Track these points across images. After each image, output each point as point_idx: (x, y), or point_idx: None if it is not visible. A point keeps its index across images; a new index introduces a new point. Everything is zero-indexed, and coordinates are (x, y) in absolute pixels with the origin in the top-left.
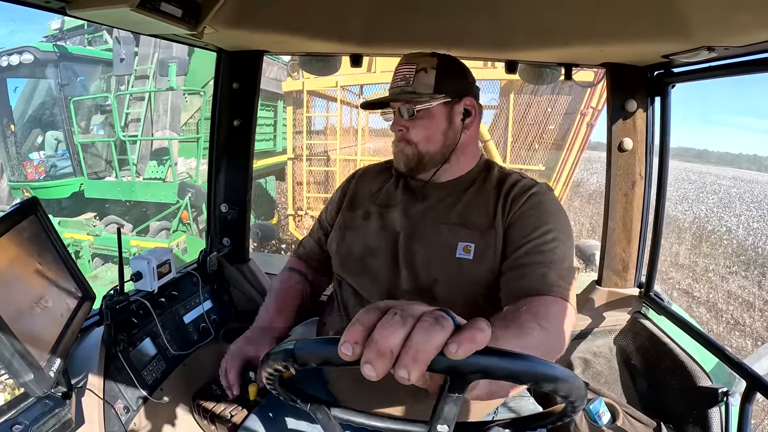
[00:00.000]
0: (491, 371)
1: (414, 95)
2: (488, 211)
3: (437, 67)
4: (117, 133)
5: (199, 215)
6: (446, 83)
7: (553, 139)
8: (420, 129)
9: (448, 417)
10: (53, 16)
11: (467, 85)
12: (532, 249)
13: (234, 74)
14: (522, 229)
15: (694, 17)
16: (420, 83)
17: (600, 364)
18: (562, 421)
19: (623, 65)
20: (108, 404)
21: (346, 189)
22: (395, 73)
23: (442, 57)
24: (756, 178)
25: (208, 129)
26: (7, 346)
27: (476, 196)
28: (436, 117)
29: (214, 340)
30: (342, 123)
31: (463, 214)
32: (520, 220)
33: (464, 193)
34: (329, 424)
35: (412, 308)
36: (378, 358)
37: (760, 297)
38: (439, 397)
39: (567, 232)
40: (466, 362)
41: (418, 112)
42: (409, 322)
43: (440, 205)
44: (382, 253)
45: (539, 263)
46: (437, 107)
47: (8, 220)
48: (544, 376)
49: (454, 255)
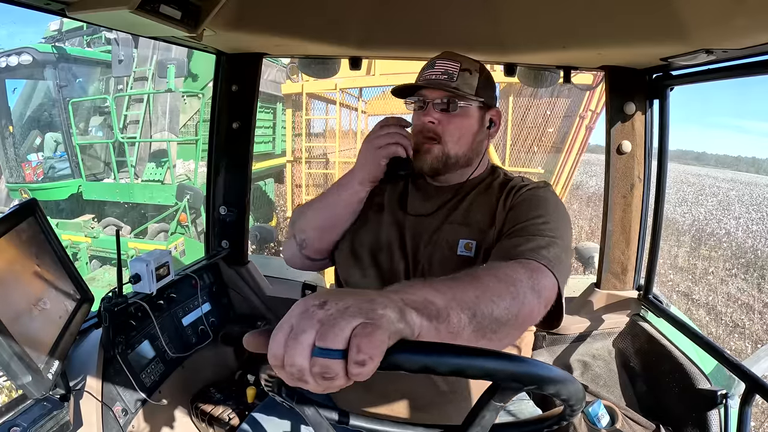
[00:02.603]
0: (495, 375)
1: (457, 91)
2: (490, 210)
3: (480, 71)
4: (115, 135)
5: (198, 217)
6: (485, 90)
7: (552, 141)
8: (454, 126)
9: (486, 425)
10: (53, 18)
11: (495, 98)
12: (521, 230)
13: (233, 77)
14: (515, 218)
15: (693, 20)
16: (464, 82)
17: (599, 366)
18: (560, 423)
19: (622, 68)
20: (106, 406)
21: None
22: (431, 65)
23: (483, 65)
24: (755, 181)
25: (206, 131)
26: (6, 348)
27: (479, 197)
28: (471, 118)
29: (212, 342)
30: (341, 126)
31: (467, 213)
32: (514, 209)
33: (469, 194)
34: (320, 423)
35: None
36: (300, 382)
37: (759, 299)
38: (483, 405)
39: (563, 222)
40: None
41: (459, 108)
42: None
43: (446, 205)
44: (390, 248)
45: (524, 235)
46: (475, 109)
47: (7, 221)
48: (541, 379)
49: (456, 252)
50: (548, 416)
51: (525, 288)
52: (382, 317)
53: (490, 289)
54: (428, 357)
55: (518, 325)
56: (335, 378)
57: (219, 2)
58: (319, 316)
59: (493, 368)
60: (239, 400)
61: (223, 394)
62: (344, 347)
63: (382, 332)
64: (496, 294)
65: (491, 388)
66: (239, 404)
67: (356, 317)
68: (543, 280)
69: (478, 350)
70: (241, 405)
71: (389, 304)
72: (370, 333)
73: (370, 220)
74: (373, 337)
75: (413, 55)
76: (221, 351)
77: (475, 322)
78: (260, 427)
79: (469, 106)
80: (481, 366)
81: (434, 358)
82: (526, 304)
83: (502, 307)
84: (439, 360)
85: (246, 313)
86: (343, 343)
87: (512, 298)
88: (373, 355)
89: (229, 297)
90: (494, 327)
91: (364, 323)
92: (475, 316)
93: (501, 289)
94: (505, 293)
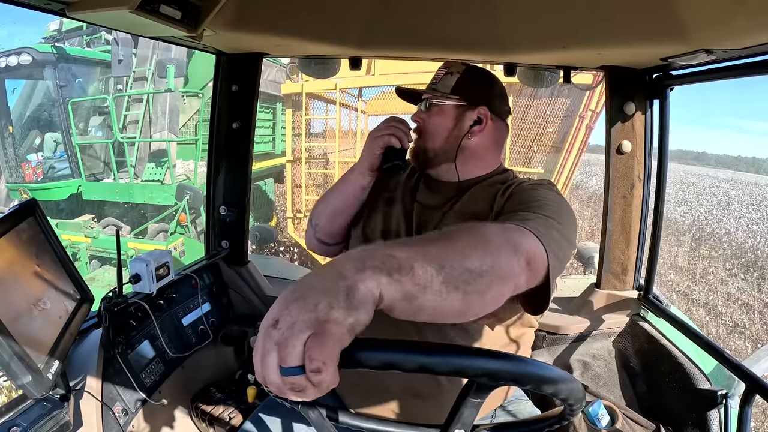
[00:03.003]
0: (497, 375)
1: (435, 92)
2: (489, 201)
3: (462, 72)
4: (115, 135)
5: (198, 217)
6: (465, 89)
7: (552, 141)
8: (430, 123)
9: (467, 422)
10: (53, 18)
11: (488, 98)
12: (514, 213)
13: (233, 77)
14: (511, 205)
15: (693, 20)
16: (443, 83)
17: (599, 366)
18: (560, 423)
19: (622, 68)
20: (106, 407)
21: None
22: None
23: (471, 66)
24: (755, 180)
25: (206, 131)
26: (6, 348)
27: (481, 191)
28: (445, 115)
29: (212, 342)
30: (341, 126)
31: (467, 204)
32: (512, 197)
33: (472, 188)
34: (323, 425)
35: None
36: (283, 395)
37: (759, 299)
38: (461, 402)
39: (565, 214)
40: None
41: (432, 107)
42: (271, 362)
43: (451, 199)
44: (398, 234)
45: (516, 212)
46: (449, 107)
47: (7, 221)
48: (541, 379)
49: None
50: (548, 416)
51: (500, 242)
52: (327, 322)
53: (460, 241)
54: (386, 354)
55: (498, 278)
56: (305, 390)
57: (219, 2)
58: (276, 337)
59: (496, 370)
60: (239, 400)
61: (223, 393)
62: (301, 363)
63: (331, 338)
64: (467, 245)
65: (467, 385)
66: (239, 404)
67: (304, 332)
68: (521, 238)
69: (440, 346)
70: (242, 405)
71: (335, 298)
72: (319, 342)
73: (382, 211)
74: (323, 346)
75: (413, 55)
76: (221, 351)
77: (443, 273)
78: (261, 426)
79: (443, 104)
80: (444, 362)
81: (393, 355)
82: (501, 256)
83: (475, 259)
84: (401, 356)
85: (246, 313)
86: (298, 360)
87: (485, 250)
88: (325, 361)
89: (229, 297)
90: (467, 279)
91: (313, 335)
92: (444, 267)
93: (472, 241)
94: (478, 245)
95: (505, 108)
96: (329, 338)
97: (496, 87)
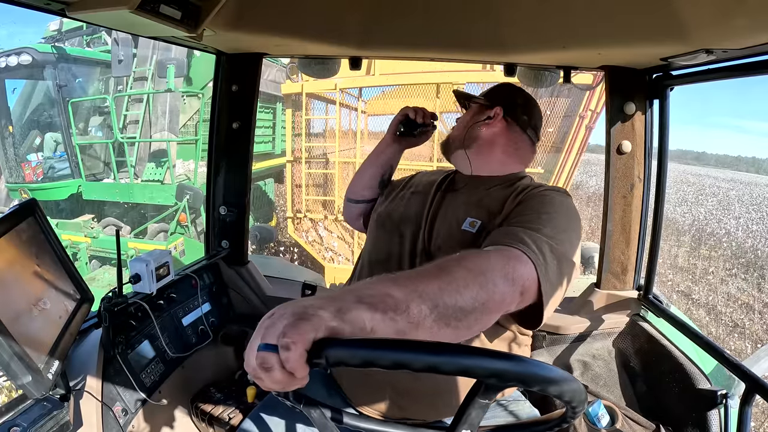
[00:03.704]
0: (503, 376)
1: (473, 98)
2: (503, 200)
3: (498, 84)
4: (115, 135)
5: (198, 217)
6: (491, 94)
7: (551, 141)
8: (460, 120)
9: (474, 422)
10: (53, 18)
11: (506, 102)
12: (520, 221)
13: (233, 77)
14: (520, 210)
15: (693, 20)
16: (483, 93)
17: (599, 366)
18: (561, 425)
19: (622, 68)
20: (106, 406)
21: (408, 178)
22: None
23: (508, 83)
24: (755, 181)
25: (206, 131)
26: (6, 348)
27: (499, 190)
28: (469, 112)
29: (212, 342)
30: (341, 126)
31: (481, 198)
32: (523, 203)
33: (490, 186)
34: (325, 424)
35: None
36: (257, 379)
37: (759, 299)
38: (469, 402)
39: (570, 230)
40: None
41: (468, 108)
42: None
43: (467, 192)
44: (415, 219)
45: (519, 225)
46: (475, 106)
47: (7, 221)
48: (542, 379)
49: (460, 227)
50: (550, 418)
51: (496, 276)
52: (312, 315)
53: (456, 279)
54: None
55: (487, 311)
56: (271, 370)
57: (219, 2)
58: (266, 323)
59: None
60: (239, 400)
61: (223, 393)
62: (277, 342)
63: (307, 324)
64: (462, 284)
65: (475, 385)
66: (239, 404)
67: (289, 318)
68: (520, 268)
69: (449, 346)
70: (242, 405)
71: (328, 306)
72: (294, 323)
73: (406, 198)
74: (297, 326)
75: (413, 55)
76: (221, 351)
77: (436, 312)
78: (261, 426)
79: (473, 105)
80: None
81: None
82: (496, 291)
83: (468, 297)
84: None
85: (246, 313)
86: (276, 339)
87: (480, 287)
88: (296, 341)
89: (229, 297)
90: (458, 316)
91: (294, 320)
92: (437, 307)
93: (468, 278)
94: (472, 283)
95: (524, 118)
96: (305, 323)
97: (518, 97)
